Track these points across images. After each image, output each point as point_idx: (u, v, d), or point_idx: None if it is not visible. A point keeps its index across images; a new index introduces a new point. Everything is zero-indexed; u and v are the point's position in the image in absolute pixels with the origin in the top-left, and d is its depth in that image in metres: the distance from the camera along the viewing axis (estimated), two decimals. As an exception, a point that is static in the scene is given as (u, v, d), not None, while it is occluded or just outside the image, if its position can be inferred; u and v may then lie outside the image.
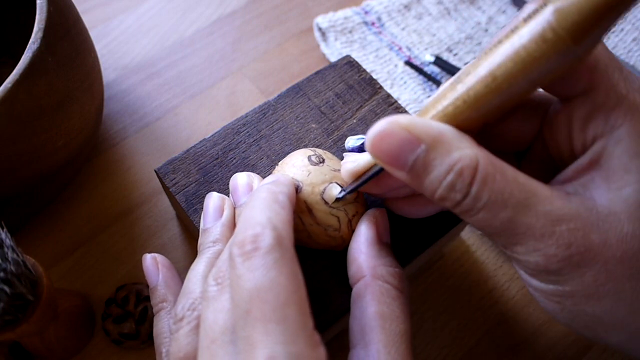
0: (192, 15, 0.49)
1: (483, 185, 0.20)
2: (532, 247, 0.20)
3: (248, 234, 0.19)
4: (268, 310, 0.18)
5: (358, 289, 0.24)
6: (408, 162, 0.21)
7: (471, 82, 0.20)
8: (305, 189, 0.26)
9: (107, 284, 0.36)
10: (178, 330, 0.23)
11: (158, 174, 0.30)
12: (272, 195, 0.22)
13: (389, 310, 0.23)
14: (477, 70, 0.20)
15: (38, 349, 0.31)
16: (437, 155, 0.20)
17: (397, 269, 0.24)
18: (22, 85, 0.27)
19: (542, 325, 0.36)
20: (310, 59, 0.47)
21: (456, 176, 0.20)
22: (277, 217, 0.21)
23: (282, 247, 0.19)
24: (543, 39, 0.18)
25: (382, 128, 0.21)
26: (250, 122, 0.32)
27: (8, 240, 0.26)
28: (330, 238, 0.26)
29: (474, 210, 0.20)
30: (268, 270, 0.18)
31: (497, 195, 0.20)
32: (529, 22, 0.19)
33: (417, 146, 0.20)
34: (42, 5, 0.29)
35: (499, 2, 0.49)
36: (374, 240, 0.25)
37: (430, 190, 0.21)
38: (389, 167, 0.22)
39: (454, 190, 0.20)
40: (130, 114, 0.44)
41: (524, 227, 0.20)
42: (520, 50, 0.19)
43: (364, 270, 0.24)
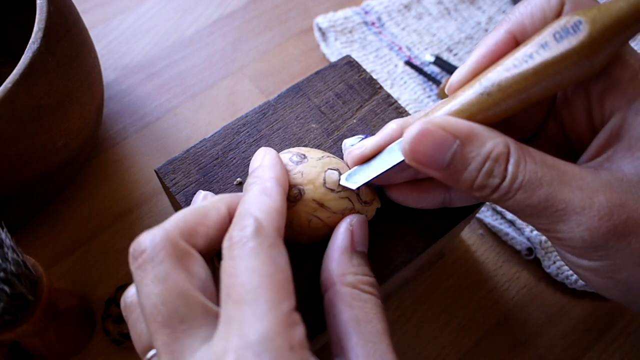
0: (192, 15, 0.49)
1: (517, 167, 0.21)
2: (574, 222, 0.21)
3: (235, 228, 0.20)
4: (242, 292, 0.19)
5: (328, 298, 0.24)
6: (445, 159, 0.22)
7: (496, 81, 0.22)
8: (308, 189, 0.26)
9: (107, 284, 0.36)
10: (127, 320, 0.23)
11: (158, 174, 0.30)
12: (260, 186, 0.23)
13: (362, 313, 0.23)
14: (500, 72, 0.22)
15: (38, 349, 0.31)
16: (473, 148, 0.22)
17: (368, 278, 0.24)
18: (22, 85, 0.27)
19: (542, 325, 0.36)
20: (310, 59, 0.47)
21: (493, 163, 0.21)
22: (261, 207, 0.21)
23: (261, 235, 0.20)
24: (573, 50, 0.20)
25: (419, 129, 0.22)
26: (250, 122, 0.32)
27: (8, 240, 0.26)
28: None
29: (511, 192, 0.21)
30: (245, 258, 0.19)
31: (531, 174, 0.21)
32: (557, 35, 0.20)
33: (453, 142, 0.22)
34: (42, 5, 0.29)
35: (499, 2, 0.49)
36: (347, 249, 0.25)
37: (469, 181, 0.22)
38: (425, 168, 0.22)
39: (492, 176, 0.21)
40: (130, 114, 0.44)
41: (563, 202, 0.21)
42: (549, 58, 0.20)
43: (333, 278, 0.24)
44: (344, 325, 0.22)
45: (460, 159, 0.22)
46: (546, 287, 0.37)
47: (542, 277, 0.37)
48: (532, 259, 0.38)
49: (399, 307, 0.36)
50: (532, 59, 0.21)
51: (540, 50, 0.21)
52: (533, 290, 0.37)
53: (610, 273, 0.22)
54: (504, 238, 0.38)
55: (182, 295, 0.19)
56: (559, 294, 0.37)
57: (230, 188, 0.30)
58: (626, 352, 0.35)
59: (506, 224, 0.38)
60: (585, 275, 0.23)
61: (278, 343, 0.18)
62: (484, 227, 0.39)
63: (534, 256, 0.37)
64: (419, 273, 0.37)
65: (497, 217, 0.39)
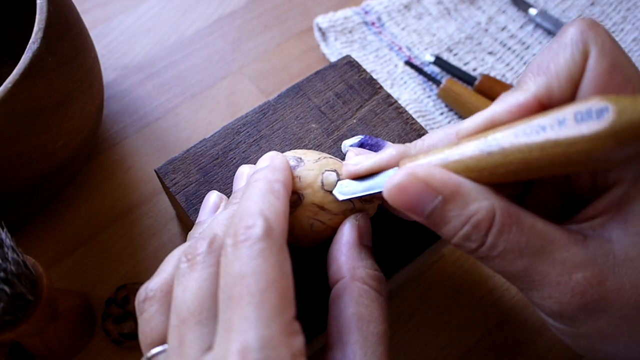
0: (192, 15, 0.49)
1: (499, 236, 0.21)
2: (547, 294, 0.21)
3: (241, 225, 0.20)
4: (247, 294, 0.18)
5: (336, 290, 0.24)
6: (425, 211, 0.22)
7: (500, 143, 0.20)
8: (307, 193, 0.26)
9: (107, 284, 0.36)
10: (142, 312, 0.23)
11: (158, 174, 0.30)
12: (268, 185, 0.23)
13: (367, 312, 0.23)
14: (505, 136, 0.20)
15: (38, 349, 0.31)
16: (454, 207, 0.21)
17: (377, 272, 0.24)
18: (22, 85, 0.27)
19: (542, 325, 0.36)
20: (310, 59, 0.47)
21: (472, 228, 0.21)
22: (270, 208, 0.21)
23: (271, 238, 0.20)
24: (589, 137, 0.18)
25: (400, 180, 0.22)
26: (250, 122, 0.32)
27: (8, 240, 0.26)
28: None
29: (489, 257, 0.21)
30: (253, 258, 0.19)
31: (512, 244, 0.21)
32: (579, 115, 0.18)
33: (434, 198, 0.21)
34: (42, 5, 0.29)
35: (499, 2, 0.49)
36: (355, 243, 0.25)
37: (447, 237, 0.22)
38: (406, 212, 0.22)
39: (470, 240, 0.21)
40: (130, 114, 0.44)
41: (540, 274, 0.21)
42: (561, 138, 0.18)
43: (343, 272, 0.24)
44: (347, 320, 0.22)
45: (440, 215, 0.21)
46: (546, 287, 0.37)
47: (542, 277, 0.37)
48: (532, 259, 0.38)
49: (399, 307, 0.36)
50: (545, 132, 0.19)
51: (555, 125, 0.19)
52: (533, 290, 0.37)
53: (574, 337, 0.22)
54: (504, 238, 0.38)
55: None
56: (559, 294, 0.37)
57: (230, 188, 0.30)
58: (626, 352, 0.35)
59: (506, 224, 0.38)
60: (552, 329, 0.23)
61: (281, 352, 0.18)
62: (484, 227, 0.39)
63: (534, 256, 0.37)
64: (419, 273, 0.37)
65: (497, 217, 0.39)
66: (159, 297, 0.22)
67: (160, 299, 0.22)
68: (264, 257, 0.19)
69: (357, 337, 0.22)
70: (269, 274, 0.19)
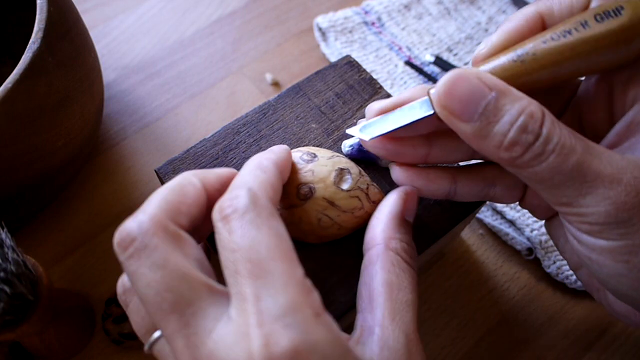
0: (192, 15, 0.49)
1: (552, 128, 0.21)
2: (601, 195, 0.20)
3: (226, 199, 0.20)
4: (252, 267, 0.18)
5: (370, 256, 0.24)
6: (478, 109, 0.21)
7: (531, 50, 0.22)
8: (319, 187, 0.26)
9: (107, 284, 0.36)
10: (128, 304, 0.23)
11: (158, 174, 0.30)
12: (256, 162, 0.23)
13: (397, 280, 0.23)
14: (542, 43, 0.22)
15: (38, 349, 0.31)
16: (508, 101, 0.21)
17: (411, 247, 0.25)
18: (22, 85, 0.27)
19: (542, 325, 0.36)
20: (310, 59, 0.47)
21: (528, 117, 0.21)
22: (254, 179, 0.21)
23: (258, 206, 0.20)
24: (612, 32, 0.21)
25: (455, 75, 0.21)
26: (250, 122, 0.32)
27: (8, 240, 0.26)
28: (359, 218, 0.27)
29: (544, 153, 0.21)
30: (246, 230, 0.19)
31: (565, 139, 0.21)
32: (598, 16, 0.21)
33: (488, 93, 0.21)
34: (42, 5, 0.29)
35: (499, 2, 0.49)
36: (397, 215, 0.25)
37: (500, 135, 0.21)
38: (454, 118, 0.22)
39: (526, 132, 0.21)
40: (130, 114, 0.44)
41: (593, 173, 0.21)
42: (588, 36, 0.21)
43: (378, 239, 0.24)
44: (377, 286, 0.23)
45: (494, 109, 0.21)
46: (546, 287, 0.37)
47: (542, 277, 0.37)
48: (532, 259, 0.38)
49: (399, 307, 0.36)
50: (571, 34, 0.21)
51: (579, 27, 0.21)
52: (533, 290, 0.37)
53: (627, 255, 0.21)
54: (504, 238, 0.38)
55: (185, 278, 0.19)
56: (559, 294, 0.37)
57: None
58: (626, 352, 0.35)
59: (506, 224, 0.38)
60: (598, 260, 0.22)
61: (304, 312, 0.18)
62: (484, 227, 0.39)
63: (534, 256, 0.37)
64: (419, 273, 0.37)
65: (497, 217, 0.39)
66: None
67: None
68: (257, 227, 0.19)
69: (387, 302, 0.22)
70: (267, 241, 0.19)
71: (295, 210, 0.26)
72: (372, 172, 0.31)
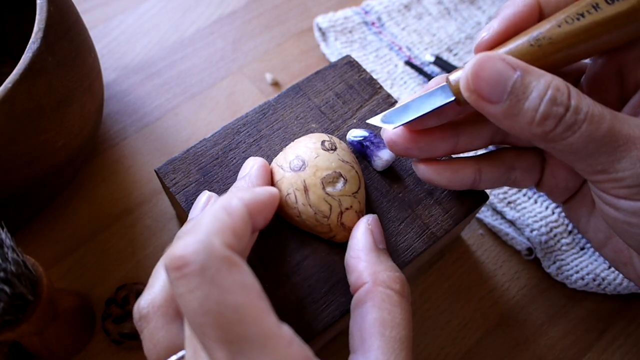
0: (192, 15, 0.49)
1: (580, 99, 0.22)
2: (636, 156, 0.21)
3: (178, 248, 0.18)
4: (222, 334, 0.17)
5: (359, 296, 0.24)
6: (506, 88, 0.22)
7: (547, 34, 0.23)
8: (308, 170, 0.27)
9: (107, 284, 0.36)
10: (142, 330, 0.22)
11: (158, 174, 0.30)
12: (225, 201, 0.21)
13: (390, 317, 0.22)
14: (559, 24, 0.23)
15: (38, 349, 0.31)
16: (533, 78, 0.22)
17: (398, 274, 0.24)
18: (22, 85, 0.27)
19: (542, 325, 0.36)
20: (310, 59, 0.47)
21: (555, 91, 0.21)
22: (213, 224, 0.19)
23: (216, 259, 0.18)
24: (624, 12, 0.22)
25: (480, 58, 0.22)
26: (250, 122, 0.32)
27: (8, 240, 0.26)
28: (318, 223, 0.27)
29: (577, 123, 0.21)
30: (208, 291, 0.18)
31: (593, 108, 0.21)
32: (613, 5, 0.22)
33: (513, 73, 0.22)
34: (42, 5, 0.29)
35: (499, 2, 0.49)
36: (372, 247, 0.25)
37: (531, 111, 0.22)
38: (483, 101, 0.22)
39: (556, 104, 0.21)
40: (130, 114, 0.44)
41: (624, 137, 0.21)
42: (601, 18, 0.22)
43: (364, 277, 0.24)
44: (369, 325, 0.22)
45: (521, 87, 0.22)
46: (546, 287, 0.37)
47: (542, 277, 0.37)
48: (532, 259, 0.38)
49: (399, 307, 0.36)
50: (584, 17, 0.22)
51: (591, 10, 0.22)
52: (533, 290, 0.37)
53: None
54: (504, 238, 0.38)
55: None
56: (559, 294, 0.37)
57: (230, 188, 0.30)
58: (626, 352, 0.35)
59: (506, 224, 0.38)
60: (632, 221, 0.23)
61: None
62: (484, 227, 0.39)
63: (534, 256, 0.37)
64: (419, 273, 0.37)
65: (497, 217, 0.39)
66: (153, 313, 0.22)
67: (155, 314, 0.22)
68: (218, 286, 0.18)
69: (379, 342, 0.22)
70: (232, 302, 0.18)
71: (282, 178, 0.27)
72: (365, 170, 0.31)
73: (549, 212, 0.38)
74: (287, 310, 0.26)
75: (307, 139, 0.29)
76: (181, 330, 0.22)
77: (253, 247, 0.27)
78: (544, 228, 0.37)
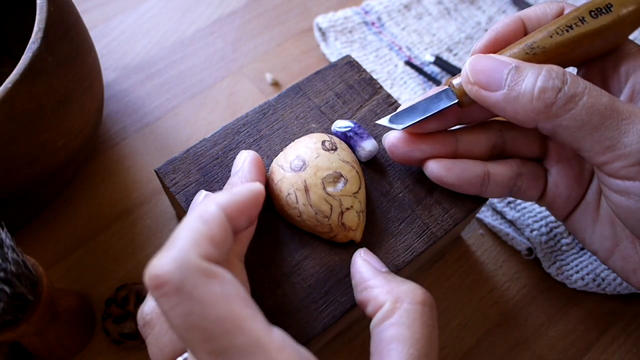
0: (192, 15, 0.49)
1: (575, 77, 0.23)
2: (637, 132, 0.22)
3: (155, 267, 0.18)
4: (210, 346, 0.17)
5: (378, 317, 0.23)
6: (503, 75, 0.24)
7: (540, 44, 0.26)
8: (309, 170, 0.27)
9: (107, 284, 0.36)
10: (147, 336, 0.22)
11: (158, 174, 0.30)
12: (201, 210, 0.21)
13: (408, 333, 0.21)
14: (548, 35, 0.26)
15: (38, 349, 0.31)
16: (527, 67, 0.24)
17: (414, 285, 0.24)
18: (22, 85, 0.27)
19: (542, 325, 0.36)
20: (310, 59, 0.47)
21: (548, 70, 0.24)
22: (188, 235, 0.19)
23: (192, 273, 0.18)
24: (607, 25, 0.25)
25: (475, 55, 0.25)
26: (250, 122, 0.32)
27: (8, 240, 0.26)
28: (319, 223, 0.27)
29: (577, 95, 0.23)
30: (189, 307, 0.18)
31: (591, 87, 0.23)
32: (593, 13, 0.25)
33: (509, 64, 0.25)
34: (42, 5, 0.29)
35: (499, 2, 0.49)
36: (376, 272, 0.25)
37: (529, 89, 0.23)
38: (484, 91, 0.25)
39: (552, 78, 0.23)
40: (130, 114, 0.44)
41: (627, 111, 0.23)
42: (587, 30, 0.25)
43: (381, 300, 0.23)
44: (386, 343, 0.21)
45: (517, 73, 0.24)
46: (546, 287, 0.37)
47: (542, 277, 0.37)
48: (532, 259, 0.38)
49: (399, 307, 0.36)
50: (572, 29, 0.25)
51: (579, 23, 0.25)
52: (533, 290, 0.37)
53: None
54: (504, 238, 0.38)
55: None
56: (559, 294, 0.37)
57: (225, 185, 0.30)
58: (626, 352, 0.35)
59: (506, 224, 0.38)
60: (636, 200, 0.23)
61: None
62: (484, 227, 0.39)
63: (534, 256, 0.37)
64: (419, 273, 0.37)
65: (497, 217, 0.39)
66: (157, 319, 0.22)
67: (159, 320, 0.22)
68: (199, 300, 0.18)
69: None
70: (215, 315, 0.18)
71: (283, 178, 0.27)
72: (365, 170, 0.31)
73: (549, 212, 0.38)
74: (287, 311, 0.26)
75: (307, 139, 0.29)
76: None
77: (253, 247, 0.27)
78: (544, 228, 0.37)
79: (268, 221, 0.28)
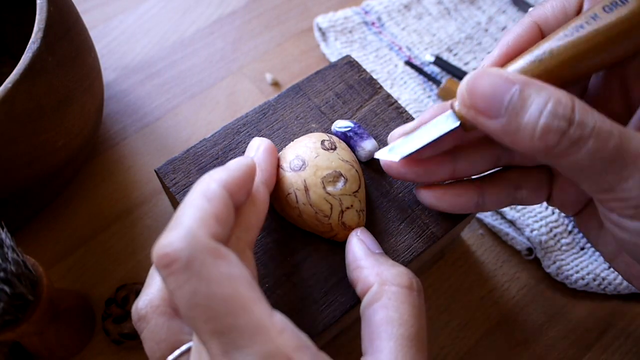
0: (192, 15, 0.49)
1: (585, 113, 0.20)
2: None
3: (163, 245, 0.18)
4: (213, 326, 0.18)
5: (367, 299, 0.23)
6: (504, 102, 0.21)
7: (548, 49, 0.22)
8: (308, 169, 0.27)
9: (107, 284, 0.36)
10: (142, 330, 0.22)
11: (158, 174, 0.30)
12: (203, 187, 0.21)
13: (397, 315, 0.22)
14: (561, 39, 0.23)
15: (38, 349, 0.31)
16: (532, 91, 0.21)
17: (402, 269, 0.24)
18: (22, 85, 0.27)
19: (542, 325, 0.36)
20: (310, 59, 0.47)
21: (556, 103, 0.20)
22: (195, 214, 0.19)
23: (200, 252, 0.18)
24: (624, 18, 0.21)
25: (475, 73, 0.22)
26: (250, 122, 0.32)
27: (8, 240, 0.26)
28: (319, 223, 0.27)
29: (582, 139, 0.20)
30: (195, 286, 0.18)
31: (602, 122, 0.20)
32: (606, 7, 0.22)
33: (511, 86, 0.21)
34: (42, 5, 0.29)
35: (499, 2, 0.49)
36: (368, 253, 0.25)
37: (531, 125, 0.20)
38: (481, 116, 0.22)
39: (557, 118, 0.20)
40: (130, 114, 0.44)
41: (633, 156, 0.20)
42: (600, 27, 0.22)
43: (370, 281, 0.23)
44: (376, 326, 0.22)
45: (520, 101, 0.20)
46: (546, 287, 0.37)
47: (542, 277, 0.37)
48: (532, 259, 0.38)
49: (399, 307, 0.36)
50: (583, 28, 0.22)
51: (590, 20, 0.22)
52: (533, 290, 0.37)
53: None
54: (504, 238, 0.38)
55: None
56: (559, 294, 0.37)
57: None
58: (626, 352, 0.35)
59: (506, 224, 0.38)
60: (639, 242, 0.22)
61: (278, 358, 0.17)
62: (484, 227, 0.39)
63: (534, 256, 0.37)
64: (419, 273, 0.37)
65: (497, 217, 0.39)
66: (152, 312, 0.22)
67: (154, 314, 0.22)
68: (205, 279, 0.18)
69: (388, 342, 0.21)
70: (220, 294, 0.18)
71: (283, 177, 0.27)
72: (365, 170, 0.31)
73: (549, 212, 0.38)
74: (287, 310, 0.26)
75: (307, 139, 0.29)
76: (182, 326, 0.22)
77: (253, 247, 0.27)
78: (544, 228, 0.37)
79: (268, 221, 0.28)
